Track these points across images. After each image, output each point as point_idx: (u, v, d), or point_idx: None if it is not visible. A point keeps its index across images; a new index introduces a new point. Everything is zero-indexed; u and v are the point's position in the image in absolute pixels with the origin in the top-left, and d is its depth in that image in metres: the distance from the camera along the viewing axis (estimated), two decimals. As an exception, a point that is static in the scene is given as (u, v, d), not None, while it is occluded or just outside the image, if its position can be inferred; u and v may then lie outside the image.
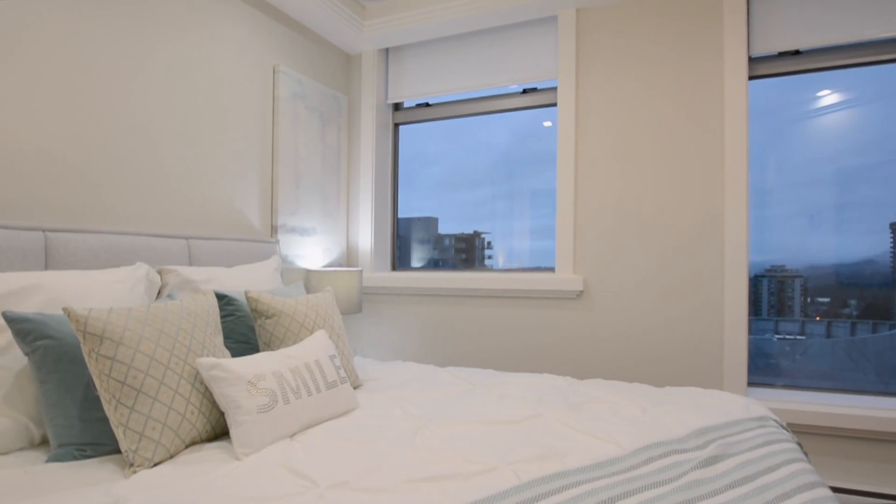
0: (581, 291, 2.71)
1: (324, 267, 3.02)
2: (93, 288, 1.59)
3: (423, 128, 3.39)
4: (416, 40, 3.13)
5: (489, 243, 3.28)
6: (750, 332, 2.78)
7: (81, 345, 1.29)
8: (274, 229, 2.68)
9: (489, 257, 3.27)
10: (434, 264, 3.40)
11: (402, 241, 3.45)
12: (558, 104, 2.78)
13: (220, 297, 1.87)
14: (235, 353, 1.82)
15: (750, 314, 2.77)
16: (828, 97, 2.62)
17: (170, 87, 2.15)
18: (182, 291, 1.89)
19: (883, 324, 2.58)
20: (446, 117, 3.25)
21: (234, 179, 2.46)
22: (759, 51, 2.54)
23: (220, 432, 1.47)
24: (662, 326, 2.58)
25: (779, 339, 2.77)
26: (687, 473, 1.17)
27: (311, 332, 1.82)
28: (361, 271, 2.89)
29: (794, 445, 1.39)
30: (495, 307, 2.91)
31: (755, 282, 2.78)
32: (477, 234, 3.31)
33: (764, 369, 2.74)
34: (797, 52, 2.53)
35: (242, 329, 1.86)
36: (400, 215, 3.44)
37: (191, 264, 2.13)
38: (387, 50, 3.29)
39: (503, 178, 3.21)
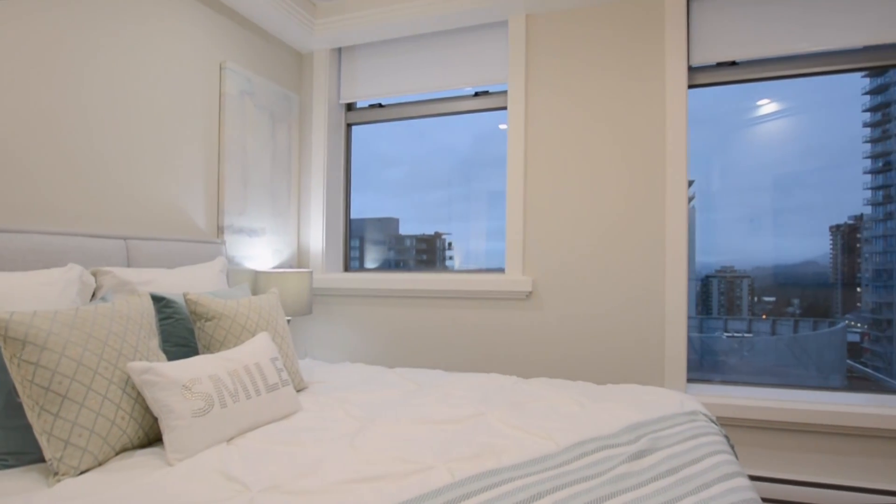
0: (530, 292, 2.76)
1: (273, 268, 2.97)
2: (18, 291, 1.52)
3: (385, 129, 3.38)
4: (368, 40, 3.12)
5: (450, 244, 3.30)
6: (701, 330, 2.90)
7: (2, 350, 1.24)
8: (220, 230, 2.63)
9: (450, 258, 3.29)
10: (395, 265, 3.39)
11: (361, 241, 3.43)
12: (508, 108, 2.83)
13: (158, 300, 1.81)
14: (174, 357, 1.77)
15: (701, 313, 2.90)
16: (767, 106, 2.75)
17: (111, 81, 2.08)
18: (118, 294, 1.83)
19: (823, 321, 2.74)
20: (399, 118, 3.26)
21: (178, 178, 2.40)
22: (698, 61, 2.64)
23: (153, 438, 1.43)
24: (607, 326, 2.66)
25: (728, 336, 2.90)
26: (615, 467, 1.21)
27: (254, 335, 1.80)
28: (312, 272, 2.86)
29: (720, 438, 1.45)
30: (447, 308, 2.93)
31: (706, 282, 2.90)
32: (438, 235, 3.33)
33: (714, 366, 2.87)
34: (734, 63, 2.65)
35: (182, 332, 1.81)
36: (360, 216, 3.42)
37: (129, 266, 2.06)
38: (339, 49, 3.27)
39: (464, 180, 3.24)
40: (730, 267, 2.86)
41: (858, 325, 2.69)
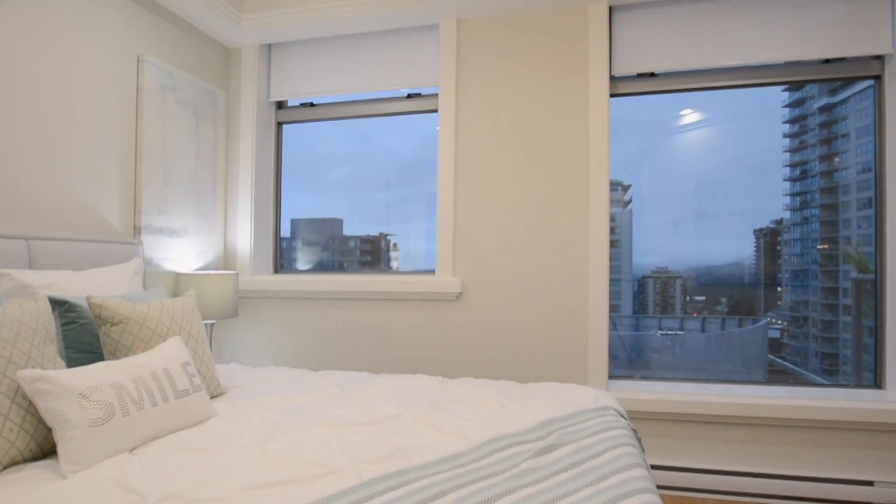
0: (459, 293, 2.80)
1: (197, 270, 2.87)
2: None
3: (329, 129, 3.33)
4: (299, 38, 3.07)
5: (395, 245, 3.29)
6: (638, 328, 3.05)
7: None
8: (137, 230, 2.51)
9: (395, 259, 3.27)
10: (339, 266, 3.34)
11: (303, 242, 3.36)
12: (439, 110, 2.85)
13: (60, 304, 1.71)
14: (77, 365, 1.68)
15: (638, 312, 3.05)
16: (694, 115, 2.92)
17: (15, 72, 1.94)
18: (16, 298, 1.72)
19: (747, 319, 2.94)
20: (331, 118, 3.22)
21: (89, 175, 2.27)
22: (620, 71, 2.76)
23: (48, 451, 1.35)
24: (534, 326, 2.73)
25: (662, 334, 3.05)
26: (522, 463, 1.25)
27: (165, 339, 1.73)
28: (238, 274, 2.78)
29: (626, 432, 1.52)
30: (379, 309, 2.92)
31: (642, 282, 3.05)
32: (382, 236, 3.31)
33: (648, 362, 3.02)
34: (653, 75, 2.79)
35: (86, 338, 1.72)
36: (302, 216, 3.35)
37: (31, 268, 1.94)
38: (269, 46, 3.19)
39: (408, 182, 3.24)
40: (664, 268, 3.02)
41: (779, 322, 2.90)
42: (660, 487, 2.53)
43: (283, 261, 3.35)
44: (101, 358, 1.71)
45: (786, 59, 2.59)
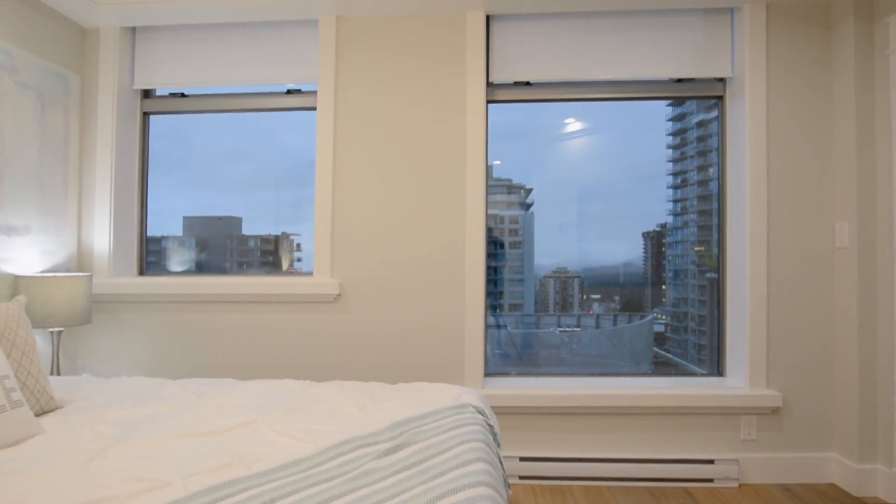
0: (338, 295, 2.75)
1: (43, 272, 2.59)
2: None
3: (229, 124, 3.12)
4: (168, 22, 2.87)
5: (298, 245, 3.15)
6: (538, 326, 3.18)
7: None
8: (-37, 227, 2.21)
9: (299, 259, 3.14)
10: (238, 267, 3.14)
11: (197, 242, 3.13)
12: (318, 109, 2.79)
13: None
14: None
15: (539, 311, 3.17)
16: (592, 124, 3.09)
17: None
18: None
19: (636, 315, 3.17)
20: (204, 110, 3.04)
21: None
22: (497, 78, 2.85)
23: None
24: (412, 327, 2.75)
25: (560, 331, 3.19)
26: (364, 465, 1.25)
27: (-20, 350, 1.54)
28: (91, 277, 2.54)
29: (478, 427, 1.57)
30: (255, 313, 2.80)
31: (543, 282, 3.18)
32: (285, 236, 3.16)
33: (547, 359, 3.16)
34: (529, 84, 2.91)
35: None
36: (199, 214, 3.12)
37: None
38: (134, 29, 2.96)
39: (313, 180, 3.12)
40: (563, 268, 3.17)
41: (663, 317, 3.15)
42: (529, 478, 2.64)
43: (165, 263, 3.11)
44: None
45: (644, 76, 2.82)
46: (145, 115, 3.06)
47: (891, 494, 2.40)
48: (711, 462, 2.64)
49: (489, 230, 3.06)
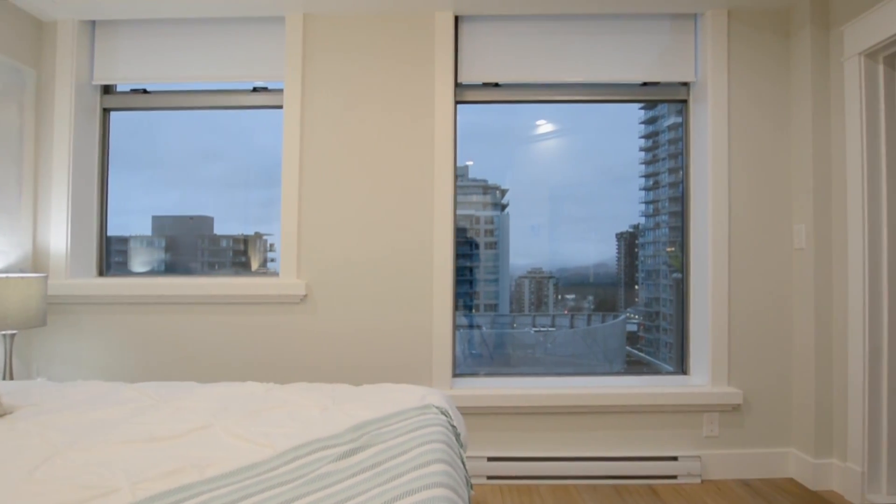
0: (304, 296, 2.72)
1: (-6, 273, 2.49)
2: None
3: (202, 122, 3.04)
4: (129, 16, 2.80)
5: (272, 245, 3.09)
6: (514, 326, 3.19)
7: None
8: None
9: (272, 260, 3.08)
10: (209, 267, 3.07)
11: (167, 242, 3.05)
12: (284, 108, 2.75)
13: None
14: None
15: (515, 311, 3.18)
16: (566, 126, 3.12)
17: None
18: None
19: (609, 315, 3.21)
20: (168, 108, 2.98)
21: None
22: (466, 79, 2.86)
23: None
24: (381, 328, 2.73)
25: (535, 331, 3.20)
26: (322, 468, 1.23)
27: (-81, 355, 1.47)
28: (45, 278, 2.46)
29: (440, 428, 1.56)
30: (220, 314, 2.75)
31: (519, 283, 3.19)
32: (258, 236, 3.09)
33: (522, 359, 3.18)
34: (497, 85, 2.92)
35: None
36: (168, 213, 3.04)
37: None
38: (93, 23, 2.87)
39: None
40: (538, 268, 3.19)
41: (636, 317, 3.20)
42: (497, 478, 2.65)
43: (131, 263, 3.02)
44: None
45: (612, 79, 2.86)
46: (105, 111, 2.98)
47: (845, 487, 2.48)
48: (675, 459, 2.69)
49: (463, 230, 3.06)
